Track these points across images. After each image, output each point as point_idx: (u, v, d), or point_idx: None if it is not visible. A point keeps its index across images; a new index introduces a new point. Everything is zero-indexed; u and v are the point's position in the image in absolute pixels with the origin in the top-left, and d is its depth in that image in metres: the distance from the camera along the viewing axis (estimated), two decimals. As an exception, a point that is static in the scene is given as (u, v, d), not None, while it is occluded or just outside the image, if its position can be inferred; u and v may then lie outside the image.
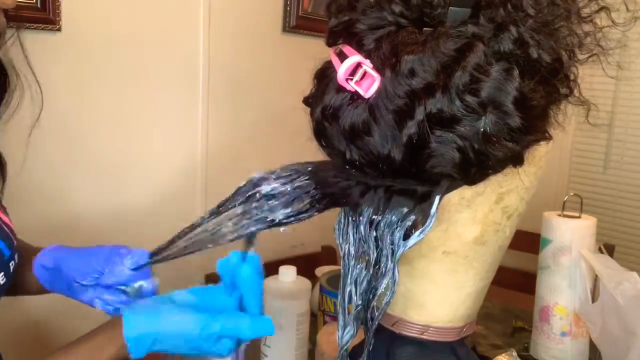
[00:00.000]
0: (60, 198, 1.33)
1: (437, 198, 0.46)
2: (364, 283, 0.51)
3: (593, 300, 0.96)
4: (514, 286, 1.43)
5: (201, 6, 1.52)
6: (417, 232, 0.47)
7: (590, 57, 0.45)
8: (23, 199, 1.23)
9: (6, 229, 0.72)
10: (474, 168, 0.44)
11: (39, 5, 1.21)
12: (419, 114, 0.41)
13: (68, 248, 0.73)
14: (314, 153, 0.49)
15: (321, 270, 1.27)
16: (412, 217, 0.47)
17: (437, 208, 0.46)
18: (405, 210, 0.47)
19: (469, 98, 0.41)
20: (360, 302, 0.51)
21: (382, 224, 0.48)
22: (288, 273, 0.95)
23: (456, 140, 0.42)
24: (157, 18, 1.44)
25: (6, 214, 0.75)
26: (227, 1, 1.58)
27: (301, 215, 0.50)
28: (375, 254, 0.49)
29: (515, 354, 0.66)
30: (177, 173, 1.56)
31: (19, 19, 0.68)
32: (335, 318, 1.10)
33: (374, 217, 0.48)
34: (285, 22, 1.72)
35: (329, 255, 1.74)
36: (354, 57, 0.43)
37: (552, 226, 0.97)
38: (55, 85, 1.25)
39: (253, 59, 1.67)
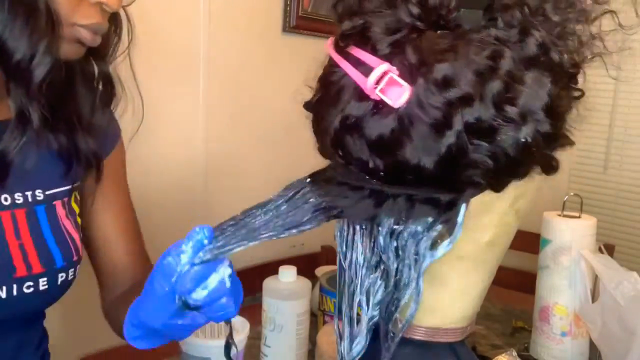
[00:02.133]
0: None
1: (464, 206, 0.45)
2: (379, 294, 0.49)
3: (593, 300, 0.96)
4: (514, 286, 1.43)
5: (201, 6, 1.52)
6: (446, 242, 0.45)
7: (593, 57, 0.45)
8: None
9: (69, 240, 0.71)
10: (505, 176, 0.44)
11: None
12: (457, 124, 0.40)
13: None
14: (315, 153, 0.49)
15: (321, 270, 1.27)
16: (439, 227, 0.45)
17: (463, 216, 0.45)
18: (430, 219, 0.45)
19: (507, 107, 0.41)
20: (375, 314, 0.49)
21: (405, 234, 0.46)
22: (288, 273, 0.95)
23: (491, 149, 0.41)
24: (157, 18, 1.44)
25: (78, 229, 0.74)
26: (227, 1, 1.58)
27: (294, 230, 0.46)
28: (395, 265, 0.47)
29: (515, 354, 0.66)
30: (177, 173, 1.56)
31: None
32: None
33: (395, 227, 0.46)
34: (285, 22, 1.72)
35: (329, 255, 1.74)
36: (382, 66, 0.41)
37: (552, 226, 0.97)
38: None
39: (253, 59, 1.67)
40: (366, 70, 0.42)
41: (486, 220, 0.49)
